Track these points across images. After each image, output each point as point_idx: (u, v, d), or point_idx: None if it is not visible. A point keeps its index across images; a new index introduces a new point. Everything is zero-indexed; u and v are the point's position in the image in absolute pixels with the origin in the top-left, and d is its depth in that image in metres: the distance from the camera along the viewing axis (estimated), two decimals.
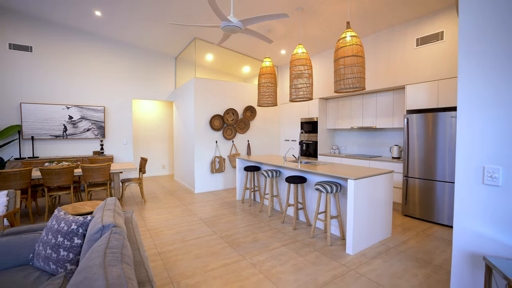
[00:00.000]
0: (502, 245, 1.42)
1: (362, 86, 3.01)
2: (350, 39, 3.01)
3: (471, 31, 1.53)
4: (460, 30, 1.57)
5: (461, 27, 1.57)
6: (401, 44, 4.19)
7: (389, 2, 3.63)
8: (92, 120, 5.99)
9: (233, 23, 2.62)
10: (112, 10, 4.59)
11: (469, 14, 1.53)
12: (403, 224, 3.64)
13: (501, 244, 1.42)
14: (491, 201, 1.45)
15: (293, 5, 3.91)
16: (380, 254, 2.74)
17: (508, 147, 1.40)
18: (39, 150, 5.48)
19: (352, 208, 2.73)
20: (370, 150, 5.17)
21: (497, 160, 1.43)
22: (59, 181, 3.86)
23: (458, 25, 1.53)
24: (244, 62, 6.86)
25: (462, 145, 1.58)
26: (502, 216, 1.42)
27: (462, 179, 1.58)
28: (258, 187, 4.72)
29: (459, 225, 1.60)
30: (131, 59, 6.42)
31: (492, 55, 1.45)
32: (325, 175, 3.31)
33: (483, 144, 1.49)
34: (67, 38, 5.62)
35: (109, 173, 4.23)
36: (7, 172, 3.45)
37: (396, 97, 4.50)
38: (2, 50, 5.04)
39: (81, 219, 1.81)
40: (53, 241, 1.74)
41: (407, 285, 2.17)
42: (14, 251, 1.81)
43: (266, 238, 3.15)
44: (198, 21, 4.67)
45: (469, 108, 1.55)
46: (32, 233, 1.98)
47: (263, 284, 2.19)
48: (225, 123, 5.80)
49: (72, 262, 1.70)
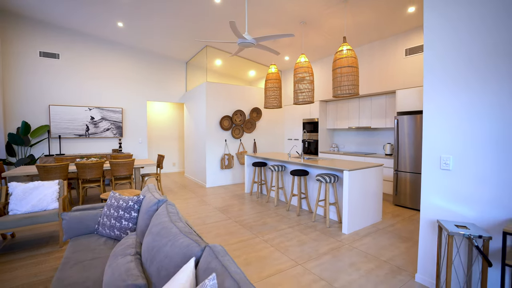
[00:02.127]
0: (450, 212, 1.95)
1: (356, 92, 3.54)
2: (346, 52, 3.54)
3: (433, 56, 2.05)
4: (425, 54, 2.10)
5: (426, 53, 2.09)
6: (392, 54, 4.72)
7: (381, 18, 4.16)
8: (111, 121, 6.53)
9: (248, 40, 3.15)
10: (132, 22, 5.13)
11: (431, 43, 2.06)
12: (393, 211, 4.17)
13: (449, 211, 1.95)
14: (444, 181, 1.98)
15: (297, 19, 4.44)
16: (370, 233, 3.27)
17: (457, 141, 1.92)
18: (64, 148, 6.03)
19: (347, 195, 3.26)
20: (366, 148, 5.69)
21: (449, 151, 1.96)
22: (91, 174, 4.40)
23: (424, 50, 2.04)
24: (250, 66, 7.40)
25: (426, 140, 2.10)
26: (451, 192, 1.95)
27: (426, 165, 2.10)
28: (265, 181, 5.26)
29: (424, 200, 2.12)
30: (146, 64, 6.97)
31: (446, 74, 1.97)
32: (324, 168, 3.84)
33: (440, 139, 2.02)
34: (90, 45, 6.16)
35: (132, 168, 4.77)
36: (50, 166, 3.98)
37: (388, 100, 5.02)
38: (33, 57, 5.59)
39: (135, 198, 2.34)
40: (115, 214, 2.28)
41: (390, 254, 2.70)
42: (84, 222, 2.34)
43: (274, 222, 3.68)
44: (208, 29, 5.21)
45: (431, 112, 2.07)
46: (93, 210, 2.52)
47: (274, 253, 2.72)
48: (234, 123, 6.33)
49: (131, 230, 2.24)
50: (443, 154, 1.99)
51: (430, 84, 2.07)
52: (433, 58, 2.05)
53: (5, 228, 2.63)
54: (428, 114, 2.09)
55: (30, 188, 3.06)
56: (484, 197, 1.77)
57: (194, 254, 1.23)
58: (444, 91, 1.99)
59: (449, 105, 1.96)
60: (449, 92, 1.96)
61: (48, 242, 3.02)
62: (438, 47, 2.01)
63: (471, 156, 1.84)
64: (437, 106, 2.03)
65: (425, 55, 2.10)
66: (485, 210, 1.77)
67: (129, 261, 1.51)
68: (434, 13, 2.03)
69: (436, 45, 2.03)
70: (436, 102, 2.04)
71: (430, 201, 2.08)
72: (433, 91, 2.06)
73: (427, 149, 2.10)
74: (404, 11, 3.91)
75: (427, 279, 2.13)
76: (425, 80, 2.10)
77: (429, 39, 2.07)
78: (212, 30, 5.19)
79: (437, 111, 2.03)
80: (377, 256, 2.66)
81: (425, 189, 2.12)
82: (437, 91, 2.03)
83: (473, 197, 1.83)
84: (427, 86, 2.10)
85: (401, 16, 4.07)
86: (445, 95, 1.99)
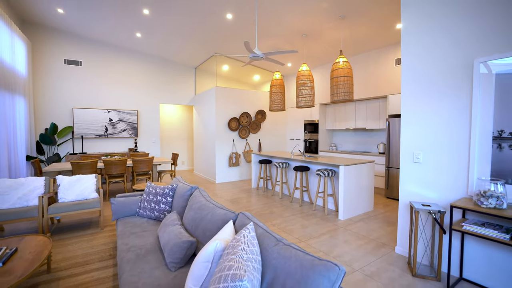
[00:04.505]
0: (420, 195, 2.50)
1: (350, 98, 4.09)
2: (342, 63, 4.09)
3: (409, 70, 2.60)
4: (402, 71, 2.64)
5: (403, 69, 2.64)
6: (384, 63, 5.27)
7: (374, 32, 4.70)
8: (128, 122, 7.09)
9: (258, 54, 3.70)
10: (150, 33, 5.68)
11: (407, 58, 2.60)
12: (384, 203, 4.71)
13: (419, 195, 2.50)
14: (416, 172, 2.53)
15: (299, 32, 4.98)
16: (362, 219, 3.82)
17: (425, 140, 2.46)
18: (86, 147, 6.59)
19: (342, 187, 3.80)
20: (362, 147, 6.24)
21: (420, 148, 2.50)
22: (116, 170, 4.96)
23: (402, 68, 2.58)
24: (255, 71, 7.95)
25: (403, 139, 2.65)
26: (421, 180, 2.49)
27: (403, 160, 2.65)
28: (270, 177, 5.81)
29: (402, 188, 2.67)
30: (159, 70, 7.52)
31: (418, 87, 2.52)
32: (324, 164, 4.39)
33: (413, 139, 2.56)
34: (109, 53, 6.72)
35: (152, 165, 5.33)
36: (82, 162, 4.54)
37: (381, 104, 5.57)
38: (59, 65, 6.16)
39: (170, 186, 2.89)
40: (154, 199, 2.83)
41: (377, 234, 3.25)
42: (128, 206, 2.90)
43: (279, 211, 4.23)
44: (219, 40, 5.76)
45: (406, 117, 2.62)
46: (133, 197, 3.07)
47: (281, 233, 3.27)
48: (241, 124, 6.89)
49: (168, 211, 2.79)
50: (415, 150, 2.54)
51: (406, 93, 2.62)
52: (407, 74, 2.60)
53: (60, 212, 3.19)
54: (404, 118, 2.64)
55: (73, 180, 3.62)
56: (442, 183, 2.32)
57: (230, 218, 1.78)
58: (416, 100, 2.54)
59: (419, 111, 2.51)
60: (419, 101, 2.51)
61: (89, 226, 3.58)
62: (411, 67, 2.56)
63: (434, 152, 2.39)
64: (410, 111, 2.58)
65: (402, 71, 2.65)
66: (443, 193, 2.32)
67: (179, 228, 2.05)
68: (409, 42, 2.58)
69: (409, 65, 2.58)
70: (410, 108, 2.59)
71: (406, 188, 2.63)
72: (407, 100, 2.61)
73: (404, 147, 2.64)
74: (393, 26, 4.46)
75: (404, 249, 2.68)
76: (402, 91, 2.65)
77: (405, 61, 2.61)
78: (223, 41, 5.74)
79: (411, 116, 2.58)
80: (366, 236, 3.21)
81: (402, 179, 2.66)
82: (410, 100, 2.58)
83: (435, 183, 2.38)
84: (403, 95, 2.64)
85: (391, 31, 4.61)
86: (416, 103, 2.53)
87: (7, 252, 1.92)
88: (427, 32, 2.43)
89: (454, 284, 2.13)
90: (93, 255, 2.70)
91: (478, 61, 2.07)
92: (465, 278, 2.21)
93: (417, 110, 2.53)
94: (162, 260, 1.90)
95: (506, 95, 1.94)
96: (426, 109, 2.46)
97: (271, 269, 1.23)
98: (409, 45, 2.58)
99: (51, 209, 3.16)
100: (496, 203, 1.83)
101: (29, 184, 3.35)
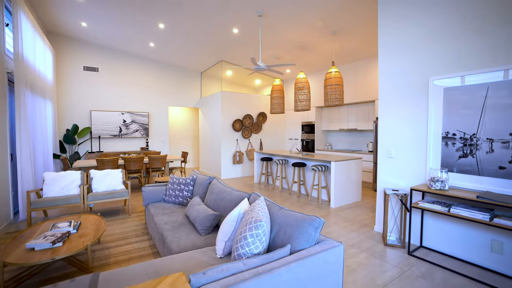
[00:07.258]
0: (392, 183, 3.14)
1: (341, 103, 4.73)
2: (334, 73, 4.73)
3: (384, 82, 3.24)
4: (380, 81, 3.28)
5: (380, 78, 3.28)
6: (373, 71, 5.91)
7: (363, 44, 5.35)
8: (140, 123, 7.71)
9: (261, 66, 4.33)
10: (162, 42, 6.30)
11: (383, 72, 3.25)
12: (371, 195, 5.36)
13: (392, 183, 3.14)
14: (389, 165, 3.17)
15: (297, 44, 5.63)
16: (351, 207, 4.46)
17: (396, 138, 3.11)
18: (102, 146, 7.20)
19: (334, 180, 4.44)
20: (353, 146, 6.89)
21: (392, 145, 3.15)
22: (135, 166, 5.57)
23: (379, 77, 3.21)
24: (256, 76, 8.58)
25: (380, 138, 3.29)
26: (393, 171, 3.14)
27: (380, 155, 3.29)
28: (270, 173, 6.44)
29: (379, 178, 3.31)
30: (168, 75, 8.14)
31: (394, 92, 3.16)
32: (318, 160, 5.03)
33: (387, 137, 3.20)
34: (124, 60, 7.34)
35: (165, 162, 5.95)
36: (105, 159, 5.15)
37: (370, 107, 6.22)
38: (79, 71, 6.77)
39: (191, 177, 3.52)
40: (178, 188, 3.46)
41: (361, 218, 3.89)
42: (155, 193, 3.52)
43: (279, 201, 4.86)
44: (225, 50, 6.39)
45: (383, 120, 3.26)
46: (159, 187, 3.69)
47: None
48: (244, 125, 7.52)
49: (190, 197, 3.41)
50: (389, 147, 3.18)
51: (382, 101, 3.26)
52: (383, 86, 3.24)
53: (96, 200, 3.81)
54: (381, 121, 3.28)
55: (104, 174, 4.24)
56: (409, 173, 2.97)
57: (245, 196, 2.42)
58: (389, 107, 3.18)
59: (392, 116, 3.16)
60: (392, 108, 3.15)
61: (118, 213, 4.20)
62: (385, 80, 3.21)
63: (402, 148, 3.04)
64: (386, 116, 3.22)
65: (380, 83, 3.29)
66: (409, 180, 2.97)
67: (204, 207, 2.68)
68: (384, 58, 3.22)
69: (384, 78, 3.22)
70: (385, 113, 3.23)
71: (382, 178, 3.28)
72: (383, 106, 3.25)
73: (381, 144, 3.29)
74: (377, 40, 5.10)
75: (380, 227, 3.32)
76: (379, 99, 3.29)
77: (381, 75, 3.26)
78: (228, 49, 6.37)
79: (386, 119, 3.22)
80: (352, 219, 3.85)
81: (379, 170, 3.31)
82: (385, 106, 3.23)
83: (403, 173, 3.03)
84: (380, 103, 3.29)
85: (377, 44, 5.24)
86: (389, 109, 3.18)
87: (76, 223, 2.54)
88: (398, 52, 3.08)
89: (414, 249, 2.78)
90: (129, 233, 3.33)
91: (432, 79, 2.72)
92: (424, 246, 2.86)
93: (390, 115, 3.17)
94: (193, 229, 2.53)
95: (450, 105, 2.58)
96: (397, 114, 3.10)
97: (276, 224, 1.87)
98: (384, 62, 3.22)
99: (89, 197, 3.79)
100: (441, 185, 2.47)
101: (68, 177, 3.97)
